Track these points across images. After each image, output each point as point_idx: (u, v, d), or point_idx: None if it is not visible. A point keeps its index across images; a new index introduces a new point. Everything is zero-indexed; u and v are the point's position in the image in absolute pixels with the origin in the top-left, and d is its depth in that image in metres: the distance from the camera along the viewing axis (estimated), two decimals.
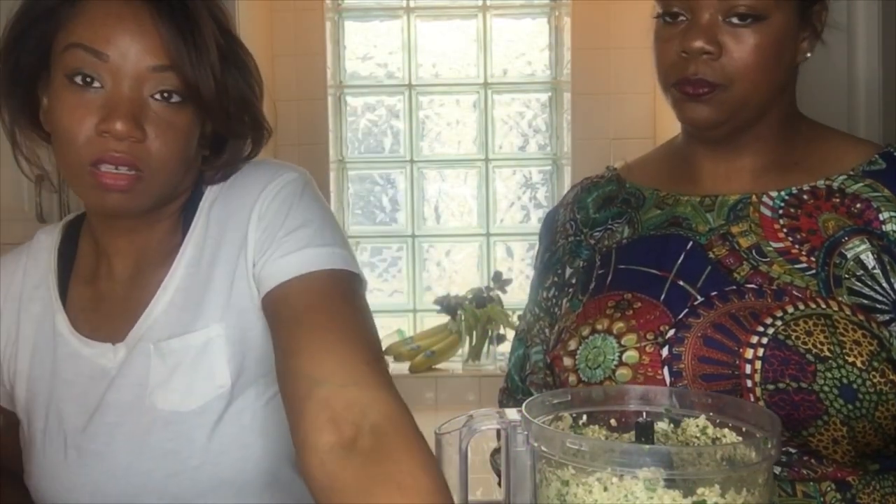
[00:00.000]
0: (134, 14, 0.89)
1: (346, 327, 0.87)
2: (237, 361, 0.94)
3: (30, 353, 1.02)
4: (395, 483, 0.74)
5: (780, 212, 1.01)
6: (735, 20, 0.95)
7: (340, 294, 0.91)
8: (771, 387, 0.91)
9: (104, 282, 1.02)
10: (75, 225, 1.08)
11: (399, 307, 2.90)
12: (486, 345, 2.77)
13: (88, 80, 0.89)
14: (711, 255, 1.00)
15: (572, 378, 1.00)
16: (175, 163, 0.93)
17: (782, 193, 1.02)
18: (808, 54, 1.02)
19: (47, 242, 1.07)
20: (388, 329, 2.82)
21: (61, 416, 0.98)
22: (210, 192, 1.00)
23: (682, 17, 0.98)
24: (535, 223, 2.96)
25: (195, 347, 0.94)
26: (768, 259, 0.98)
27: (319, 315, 0.88)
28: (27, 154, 0.98)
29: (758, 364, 0.92)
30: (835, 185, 1.01)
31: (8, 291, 1.05)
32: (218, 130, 0.97)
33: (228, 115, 0.95)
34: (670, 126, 1.07)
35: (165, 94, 0.90)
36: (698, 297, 0.98)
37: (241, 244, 0.95)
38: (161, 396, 0.94)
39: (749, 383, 0.91)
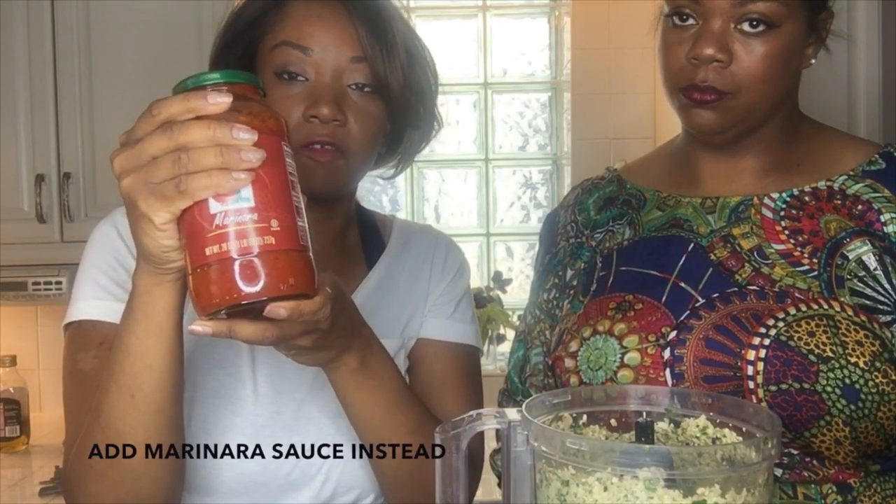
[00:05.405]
0: (333, 12, 1.00)
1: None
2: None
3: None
4: None
5: (782, 213, 1.00)
6: (746, 27, 0.95)
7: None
8: (773, 388, 0.91)
9: None
10: None
11: None
12: (486, 345, 2.77)
13: (295, 74, 0.99)
14: (713, 256, 1.00)
15: (574, 379, 1.00)
16: (370, 146, 1.04)
17: (784, 195, 1.02)
18: (813, 60, 1.02)
19: None
20: None
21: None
22: (397, 226, 1.19)
23: (691, 20, 0.97)
24: (535, 223, 2.96)
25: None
26: (770, 261, 0.98)
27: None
28: None
29: (760, 365, 0.91)
30: (835, 186, 1.01)
31: None
32: (398, 120, 1.07)
33: (409, 106, 1.06)
34: (670, 126, 1.07)
35: (361, 84, 1.00)
36: (700, 298, 0.97)
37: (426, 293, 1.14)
38: None
39: (751, 385, 0.91)
